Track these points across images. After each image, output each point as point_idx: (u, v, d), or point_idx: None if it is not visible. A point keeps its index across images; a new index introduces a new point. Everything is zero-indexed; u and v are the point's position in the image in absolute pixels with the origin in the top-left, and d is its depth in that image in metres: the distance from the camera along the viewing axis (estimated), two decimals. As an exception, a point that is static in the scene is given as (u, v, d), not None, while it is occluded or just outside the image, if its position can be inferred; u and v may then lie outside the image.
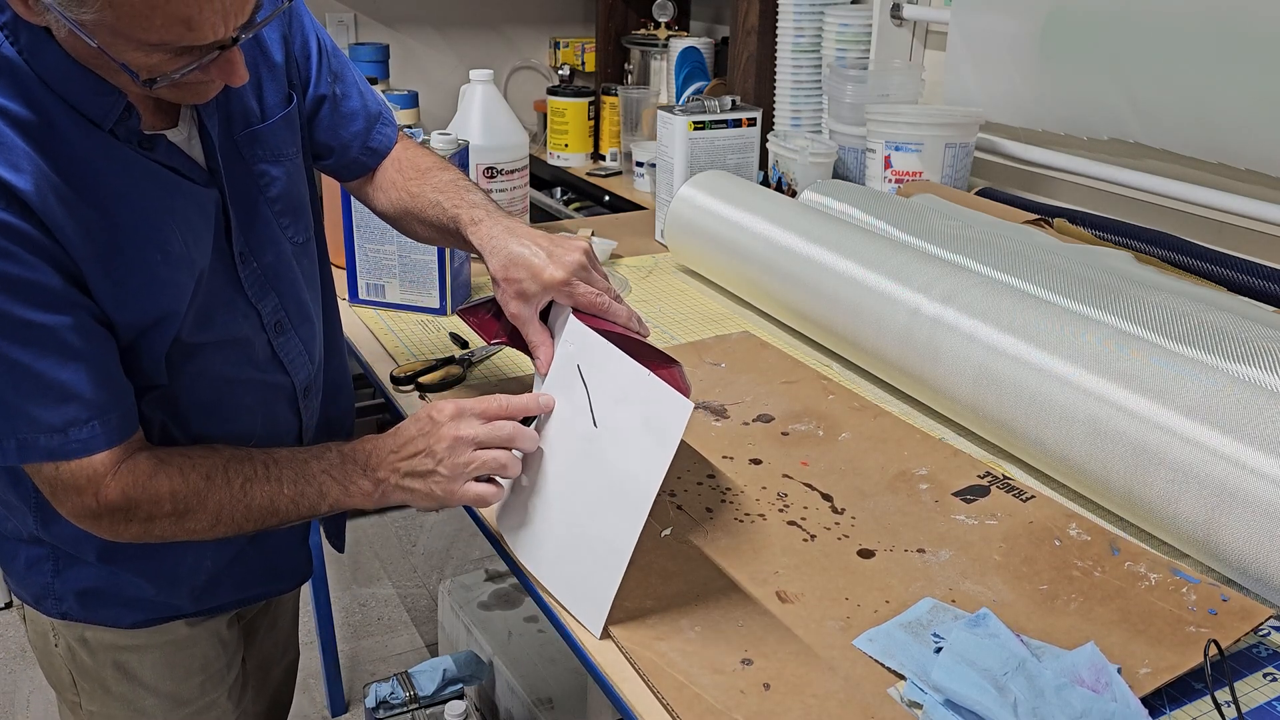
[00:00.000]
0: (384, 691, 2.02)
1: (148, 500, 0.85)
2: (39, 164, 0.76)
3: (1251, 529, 0.81)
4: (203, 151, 0.91)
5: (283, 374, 1.02)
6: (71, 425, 0.81)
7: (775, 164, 1.74)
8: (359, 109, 1.09)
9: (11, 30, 0.77)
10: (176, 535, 0.89)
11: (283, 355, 1.01)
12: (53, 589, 1.00)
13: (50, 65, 0.78)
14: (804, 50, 1.88)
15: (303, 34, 1.02)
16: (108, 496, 0.84)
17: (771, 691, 0.74)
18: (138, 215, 0.83)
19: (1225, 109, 1.28)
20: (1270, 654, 0.80)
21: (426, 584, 2.60)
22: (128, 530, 0.87)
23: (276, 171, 0.98)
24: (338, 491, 0.89)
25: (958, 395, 1.07)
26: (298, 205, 1.02)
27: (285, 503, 0.89)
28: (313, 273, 1.06)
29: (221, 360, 0.95)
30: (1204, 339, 1.00)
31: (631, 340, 0.91)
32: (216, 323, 0.93)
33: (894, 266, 1.19)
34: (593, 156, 2.76)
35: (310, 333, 1.05)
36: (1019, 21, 1.55)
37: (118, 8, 0.70)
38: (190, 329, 0.90)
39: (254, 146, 0.95)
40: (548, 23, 3.19)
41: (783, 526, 0.94)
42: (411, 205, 1.07)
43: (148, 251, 0.84)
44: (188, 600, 1.04)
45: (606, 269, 1.53)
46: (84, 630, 1.02)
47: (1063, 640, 0.78)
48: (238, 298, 0.95)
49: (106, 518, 0.85)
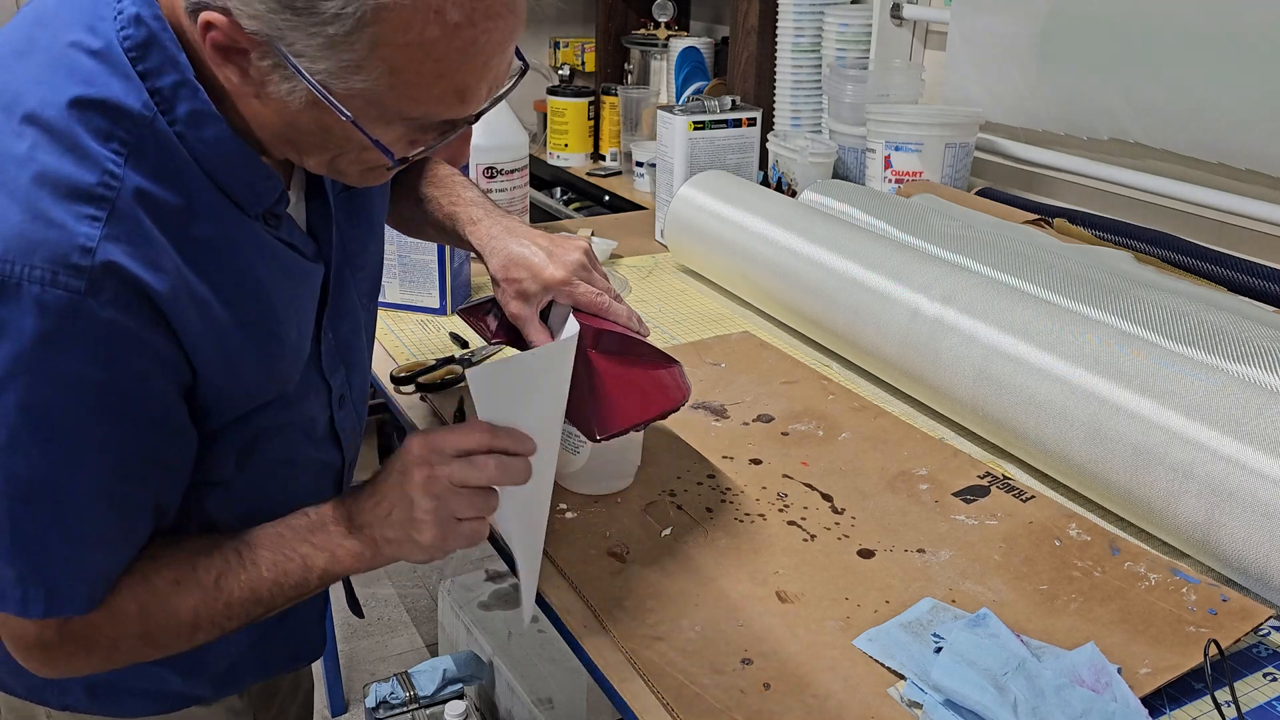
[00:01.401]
0: (384, 691, 2.02)
1: (110, 620, 0.72)
2: (179, 262, 0.67)
3: (1251, 529, 0.81)
4: (306, 220, 0.82)
5: (336, 451, 0.92)
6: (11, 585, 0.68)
7: (775, 164, 1.74)
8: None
9: (169, 101, 0.66)
10: (145, 655, 0.77)
11: (340, 430, 0.91)
12: (56, 682, 0.87)
13: (209, 144, 0.68)
14: (804, 50, 1.88)
15: None
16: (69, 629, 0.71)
17: (771, 691, 0.74)
18: (264, 307, 0.75)
19: (1225, 109, 1.28)
20: (1270, 654, 0.80)
21: (426, 584, 2.60)
22: (87, 662, 0.74)
23: (367, 238, 0.89)
24: (324, 560, 0.77)
25: (958, 395, 1.07)
26: (375, 273, 0.94)
27: (268, 588, 0.76)
28: (372, 336, 0.98)
29: (284, 443, 0.85)
30: (1204, 339, 1.00)
31: (631, 340, 0.91)
32: (294, 404, 0.83)
33: (894, 266, 1.19)
34: (593, 156, 2.76)
35: (363, 399, 0.96)
36: (1019, 22, 1.55)
37: (401, 74, 0.62)
38: (273, 414, 0.81)
39: (352, 210, 0.86)
40: (548, 23, 3.19)
41: (783, 526, 0.94)
42: (407, 201, 1.06)
43: (269, 346, 0.76)
44: (208, 688, 0.93)
45: (606, 269, 1.52)
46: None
47: (1063, 640, 0.78)
48: (313, 374, 0.85)
49: (60, 647, 0.72)
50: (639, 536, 0.91)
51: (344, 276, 0.87)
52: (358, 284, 0.90)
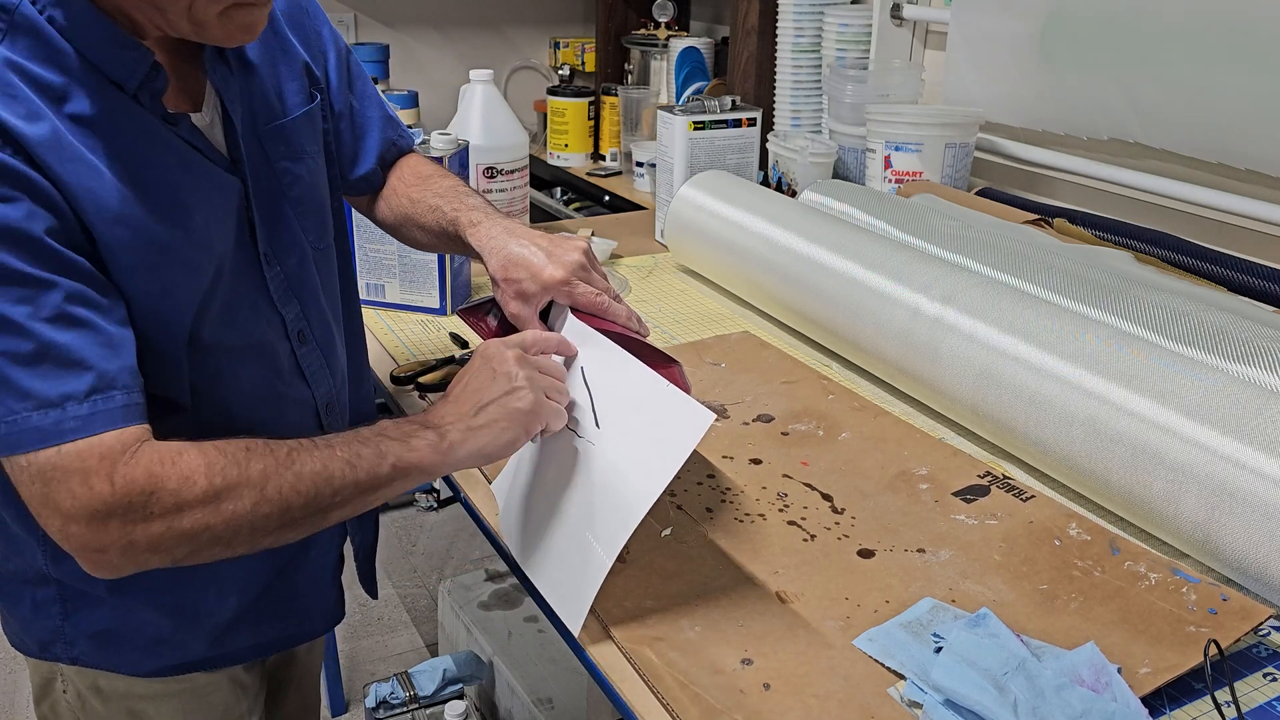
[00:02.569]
0: (384, 691, 2.02)
1: (177, 477, 0.70)
2: (55, 122, 0.71)
3: (1251, 529, 0.81)
4: (224, 141, 0.88)
5: (305, 386, 0.97)
6: (69, 399, 0.69)
7: (775, 164, 1.74)
8: (375, 118, 1.08)
9: None
10: (210, 528, 0.72)
11: (305, 366, 0.96)
12: (63, 633, 0.91)
13: (75, 20, 0.73)
14: (804, 50, 1.88)
15: (321, 39, 1.01)
16: (129, 476, 0.69)
17: (771, 691, 0.74)
18: (158, 184, 0.78)
19: (1225, 109, 1.28)
20: (1270, 654, 0.80)
21: (426, 584, 2.60)
22: (151, 527, 0.70)
23: (299, 169, 0.95)
24: (399, 448, 0.78)
25: (958, 395, 1.07)
26: (319, 208, 0.99)
27: (339, 466, 0.76)
28: (332, 283, 1.02)
29: (247, 374, 0.89)
30: (1204, 339, 1.00)
31: (631, 340, 0.91)
32: (239, 324, 0.88)
33: (894, 266, 1.19)
34: (593, 156, 2.76)
35: (331, 346, 1.00)
36: (1019, 22, 1.55)
37: None
38: (213, 325, 0.85)
39: (276, 142, 0.92)
40: (548, 23, 3.19)
41: (783, 526, 0.94)
42: (411, 211, 1.07)
43: (166, 223, 0.79)
44: (205, 643, 0.95)
45: (606, 269, 1.53)
46: (97, 677, 0.95)
47: (1063, 640, 0.78)
48: (261, 300, 0.91)
49: (119, 514, 0.69)
50: (639, 536, 0.91)
51: (279, 206, 0.92)
52: (300, 219, 0.95)
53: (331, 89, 1.02)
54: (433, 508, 2.91)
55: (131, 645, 0.93)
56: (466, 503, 1.00)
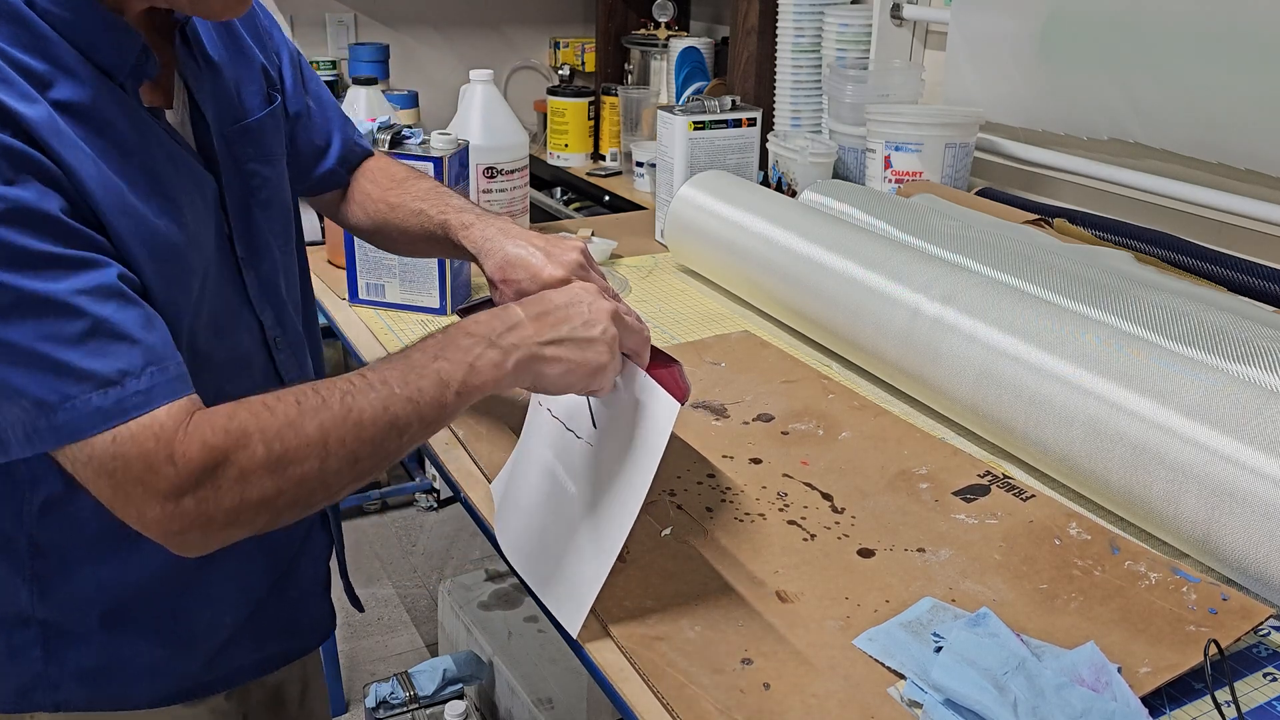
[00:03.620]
0: (384, 691, 2.02)
1: (234, 445, 0.67)
2: (48, 108, 0.69)
3: (1251, 529, 0.81)
4: (194, 140, 0.86)
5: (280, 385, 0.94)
6: (128, 375, 0.66)
7: (775, 164, 1.74)
8: (334, 118, 1.08)
9: None
10: (283, 493, 0.69)
11: (283, 373, 0.94)
12: (46, 676, 0.85)
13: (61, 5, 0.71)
14: (804, 50, 1.88)
15: (273, 40, 1.00)
16: (188, 454, 0.66)
17: (771, 691, 0.74)
18: (153, 177, 0.76)
19: (1225, 109, 1.28)
20: (1270, 654, 0.80)
21: (426, 584, 2.60)
22: (222, 500, 0.67)
23: (267, 172, 0.93)
24: (462, 372, 0.74)
25: (958, 395, 1.07)
26: (284, 210, 0.97)
27: (401, 405, 0.72)
28: (294, 288, 1.00)
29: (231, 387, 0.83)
30: (1204, 339, 1.00)
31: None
32: (226, 333, 0.86)
33: (894, 266, 1.19)
34: (593, 156, 2.76)
35: (302, 351, 0.99)
36: (1019, 21, 1.55)
37: None
38: (205, 335, 0.82)
39: (244, 144, 0.90)
40: (548, 23, 3.19)
41: (783, 526, 0.94)
42: (391, 216, 1.06)
43: (165, 218, 0.76)
44: (202, 666, 0.91)
45: (606, 269, 1.53)
46: None
47: (1063, 640, 0.78)
48: (243, 308, 0.89)
49: (191, 492, 0.66)
50: (639, 536, 0.91)
51: (248, 208, 0.90)
52: (268, 221, 0.93)
53: (287, 91, 1.01)
54: (433, 508, 2.91)
55: (124, 677, 0.88)
56: (466, 503, 1.00)
